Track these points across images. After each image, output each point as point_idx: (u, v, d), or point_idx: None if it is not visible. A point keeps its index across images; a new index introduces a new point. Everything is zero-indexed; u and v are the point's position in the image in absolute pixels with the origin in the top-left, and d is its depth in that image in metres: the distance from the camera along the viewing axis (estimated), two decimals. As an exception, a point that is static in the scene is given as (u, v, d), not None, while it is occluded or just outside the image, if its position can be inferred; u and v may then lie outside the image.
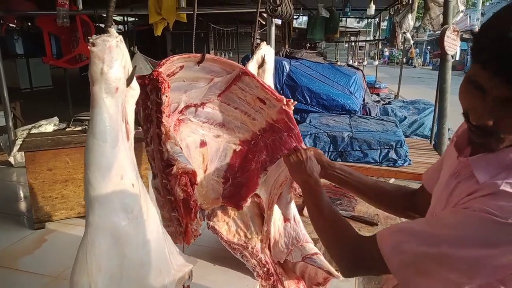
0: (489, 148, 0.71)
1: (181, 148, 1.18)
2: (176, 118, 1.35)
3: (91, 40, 0.85)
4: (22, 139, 3.68)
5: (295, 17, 9.65)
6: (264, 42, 1.69)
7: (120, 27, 9.43)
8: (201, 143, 1.46)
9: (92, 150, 0.84)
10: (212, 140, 1.48)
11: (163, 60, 1.13)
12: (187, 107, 1.36)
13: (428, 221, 0.79)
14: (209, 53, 1.25)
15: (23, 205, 3.90)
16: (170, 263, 1.03)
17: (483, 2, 22.11)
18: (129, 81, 0.92)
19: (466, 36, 22.02)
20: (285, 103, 1.29)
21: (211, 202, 1.50)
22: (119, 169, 0.86)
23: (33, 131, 4.73)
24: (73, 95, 7.48)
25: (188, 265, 1.10)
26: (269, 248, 1.65)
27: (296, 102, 1.33)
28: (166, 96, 1.09)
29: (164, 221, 1.13)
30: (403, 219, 2.28)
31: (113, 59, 0.85)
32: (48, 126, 5.13)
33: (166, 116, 1.11)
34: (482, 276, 0.65)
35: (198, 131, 1.45)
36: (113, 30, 0.89)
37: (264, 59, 1.62)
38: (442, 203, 0.80)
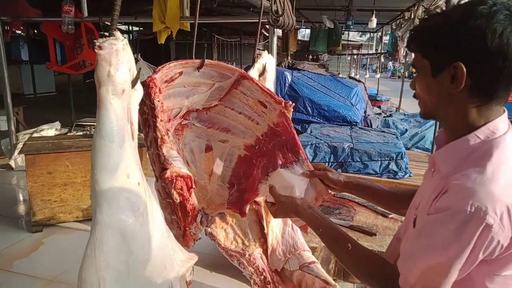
0: (423, 113, 0.89)
1: (179, 153, 1.17)
2: (178, 123, 1.35)
3: (98, 43, 0.86)
4: (23, 142, 3.69)
5: (297, 27, 9.75)
6: (266, 51, 1.71)
7: (125, 36, 9.52)
8: (207, 148, 1.46)
9: (99, 150, 0.85)
10: (218, 145, 1.47)
11: (159, 67, 1.14)
12: (189, 112, 1.36)
13: (416, 236, 0.82)
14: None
15: (21, 208, 3.90)
16: (174, 259, 1.04)
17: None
18: (133, 83, 0.94)
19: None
20: (283, 105, 1.29)
21: (216, 207, 1.49)
22: (125, 168, 0.88)
23: (35, 135, 4.75)
24: (76, 101, 7.53)
25: (190, 260, 1.12)
26: (266, 256, 1.65)
27: (293, 104, 1.34)
28: (158, 100, 1.10)
29: (167, 223, 1.14)
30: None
31: (119, 61, 0.86)
32: (50, 130, 5.16)
33: (160, 120, 1.12)
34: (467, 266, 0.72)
35: (203, 135, 1.45)
36: (118, 33, 0.91)
37: (265, 67, 1.63)
38: (423, 196, 0.88)
